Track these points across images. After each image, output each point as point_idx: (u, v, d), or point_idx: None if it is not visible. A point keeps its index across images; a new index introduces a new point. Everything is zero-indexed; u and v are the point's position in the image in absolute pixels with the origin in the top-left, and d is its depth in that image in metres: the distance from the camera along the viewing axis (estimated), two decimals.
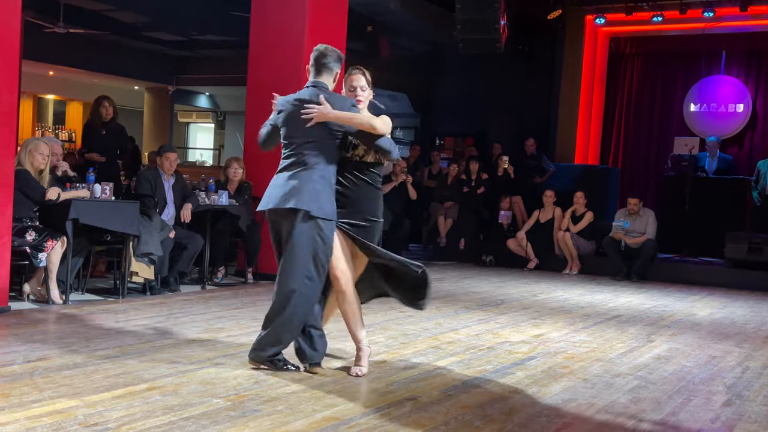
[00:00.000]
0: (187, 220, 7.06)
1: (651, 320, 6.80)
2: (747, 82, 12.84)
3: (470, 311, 6.75)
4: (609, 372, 4.66)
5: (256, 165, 8.17)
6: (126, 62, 15.71)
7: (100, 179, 6.61)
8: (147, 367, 4.14)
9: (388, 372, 4.33)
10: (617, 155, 13.76)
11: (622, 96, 13.78)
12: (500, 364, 4.70)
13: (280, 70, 8.12)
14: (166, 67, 16.83)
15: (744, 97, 12.80)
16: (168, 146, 7.57)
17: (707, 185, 11.19)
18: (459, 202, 11.28)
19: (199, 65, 16.70)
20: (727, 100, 12.93)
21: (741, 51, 12.88)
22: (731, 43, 12.76)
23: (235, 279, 8.08)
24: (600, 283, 9.47)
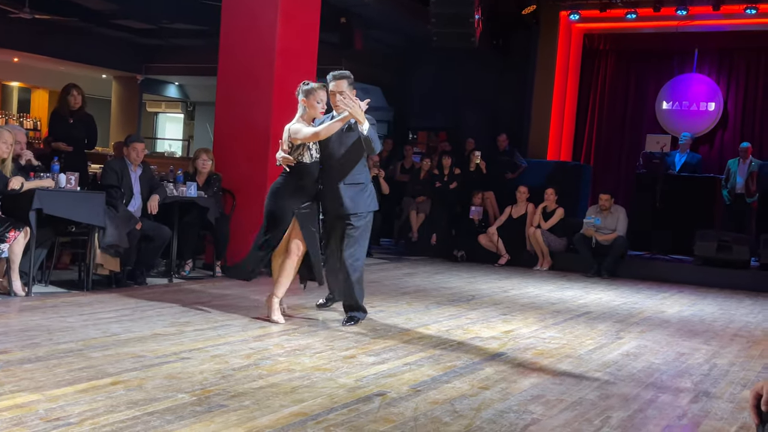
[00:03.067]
0: (154, 211, 6.99)
1: (620, 317, 6.87)
2: (719, 81, 13.02)
3: (441, 307, 6.77)
4: (578, 368, 4.70)
5: (225, 157, 8.12)
6: (94, 50, 15.51)
7: (66, 169, 6.52)
8: (111, 360, 4.10)
9: (357, 367, 4.33)
10: (590, 152, 13.88)
11: (595, 93, 13.90)
12: (470, 360, 4.72)
13: (251, 60, 8.07)
14: (134, 55, 16.63)
15: (715, 95, 12.97)
16: (135, 136, 7.50)
17: (678, 183, 11.33)
18: (431, 197, 11.31)
19: (168, 54, 16.53)
20: (698, 99, 13.09)
21: (713, 50, 13.05)
22: (704, 41, 12.92)
23: (203, 272, 8.02)
24: (570, 280, 9.54)
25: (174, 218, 7.32)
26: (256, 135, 7.99)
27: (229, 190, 8.05)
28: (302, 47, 8.23)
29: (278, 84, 7.92)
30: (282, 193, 5.44)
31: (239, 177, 8.05)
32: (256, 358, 4.39)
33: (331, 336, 5.15)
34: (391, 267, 9.76)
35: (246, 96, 8.09)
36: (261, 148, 7.96)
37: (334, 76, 5.54)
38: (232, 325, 5.30)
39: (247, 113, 8.07)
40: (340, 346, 4.84)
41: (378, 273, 9.01)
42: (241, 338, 4.91)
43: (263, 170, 7.92)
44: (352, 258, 5.55)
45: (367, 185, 5.68)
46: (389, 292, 7.42)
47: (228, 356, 4.38)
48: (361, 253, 5.62)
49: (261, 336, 5.01)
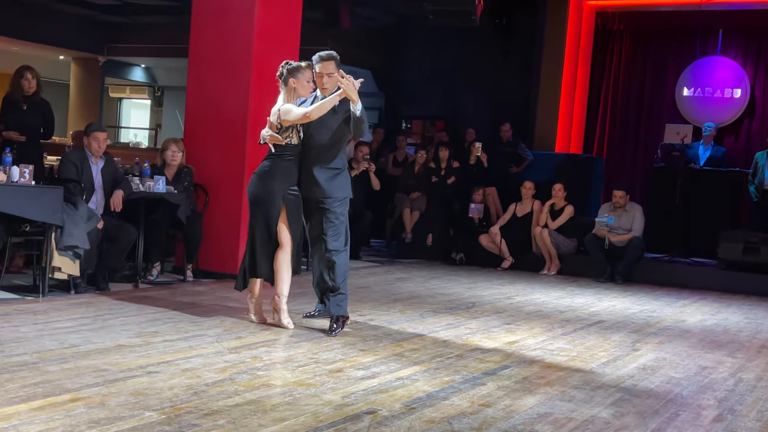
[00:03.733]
0: (118, 208, 6.97)
1: (636, 327, 6.89)
2: (745, 65, 13.06)
3: (437, 315, 6.77)
4: (590, 383, 4.71)
5: (197, 148, 8.11)
6: (50, 28, 15.44)
7: (19, 161, 6.49)
8: (70, 375, 4.09)
9: (345, 382, 4.34)
10: (602, 143, 13.90)
11: (608, 78, 13.92)
12: (470, 374, 4.73)
13: (226, 39, 8.05)
14: (96, 34, 16.57)
15: (742, 81, 13.02)
16: (97, 125, 7.48)
17: (700, 178, 11.36)
18: (427, 192, 11.32)
19: (134, 33, 16.47)
20: (723, 85, 13.13)
21: (739, 30, 13.07)
22: (729, 20, 12.94)
23: (172, 276, 8.01)
24: (581, 285, 9.57)
25: (140, 216, 7.30)
26: (232, 123, 7.98)
27: (201, 185, 8.04)
28: (283, 26, 8.22)
29: (257, 66, 7.91)
30: (271, 176, 5.61)
31: (213, 170, 8.04)
32: (232, 372, 4.39)
33: (315, 347, 5.15)
34: (382, 271, 9.76)
35: (220, 80, 8.08)
36: (237, 138, 7.94)
37: (320, 57, 5.72)
38: (206, 336, 5.29)
39: (221, 99, 8.05)
40: (326, 359, 4.84)
41: (368, 277, 9.01)
42: (215, 350, 4.90)
43: (239, 163, 7.91)
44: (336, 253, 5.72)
45: (343, 171, 5.89)
46: (380, 299, 7.42)
47: (201, 370, 4.38)
48: (344, 241, 5.79)
49: (237, 347, 5.01)
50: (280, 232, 5.65)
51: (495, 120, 12.44)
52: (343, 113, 5.62)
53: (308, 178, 5.74)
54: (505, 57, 13.52)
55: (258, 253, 5.68)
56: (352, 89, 5.44)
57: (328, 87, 5.69)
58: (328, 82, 5.67)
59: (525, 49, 13.37)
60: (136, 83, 20.06)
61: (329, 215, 5.74)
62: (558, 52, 13.15)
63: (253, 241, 5.68)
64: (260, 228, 5.66)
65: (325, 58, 5.69)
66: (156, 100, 20.84)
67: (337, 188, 5.77)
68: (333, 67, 5.67)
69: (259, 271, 5.72)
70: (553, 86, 13.16)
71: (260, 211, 5.64)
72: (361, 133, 5.79)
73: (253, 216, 5.69)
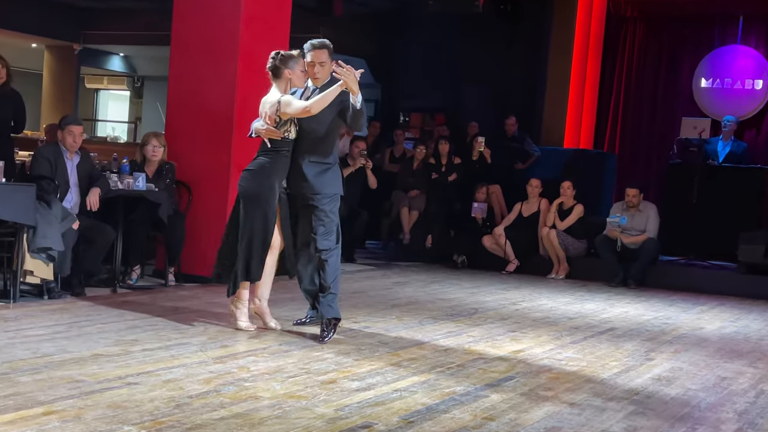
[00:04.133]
0: (94, 208, 6.96)
1: (651, 334, 6.90)
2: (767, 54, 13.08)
3: (438, 322, 6.77)
4: (601, 395, 4.72)
5: (179, 142, 8.10)
6: (22, 14, 15.41)
7: None
8: (43, 387, 4.08)
9: (338, 394, 4.33)
10: (614, 138, 13.92)
11: (621, 68, 13.93)
12: (472, 385, 4.73)
13: (211, 26, 8.04)
14: (71, 20, 16.55)
15: (764, 71, 13.03)
16: (72, 117, 7.45)
17: (719, 175, 11.37)
18: (426, 191, 11.32)
19: (112, 19, 16.45)
20: (743, 75, 13.15)
21: (761, 16, 13.08)
22: (750, 6, 12.95)
23: (153, 281, 8.00)
24: (591, 290, 9.58)
25: (118, 216, 7.29)
26: (217, 116, 7.97)
27: (184, 182, 8.03)
28: (272, 12, 8.22)
29: (244, 55, 7.90)
30: (270, 172, 5.67)
31: (197, 167, 8.03)
32: (218, 383, 4.38)
33: (306, 357, 5.15)
34: (379, 275, 9.76)
35: (205, 69, 8.07)
36: (223, 132, 7.93)
37: (313, 45, 5.76)
38: (189, 344, 5.28)
39: (206, 90, 8.04)
40: (318, 369, 4.84)
41: (363, 282, 9.01)
42: (198, 359, 4.90)
43: (225, 158, 7.90)
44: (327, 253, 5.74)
45: (334, 166, 5.93)
46: (376, 305, 7.42)
47: (183, 381, 4.38)
48: (334, 239, 5.80)
49: (223, 357, 5.00)
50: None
51: (499, 113, 12.44)
52: (337, 104, 5.64)
53: (296, 172, 5.78)
54: (509, 45, 13.52)
55: (253, 255, 5.69)
56: (353, 80, 5.49)
57: (320, 77, 5.75)
58: (320, 71, 5.73)
59: (531, 37, 13.37)
60: (115, 73, 20.03)
61: (318, 213, 5.75)
62: (566, 40, 13.15)
63: (249, 243, 5.68)
64: (258, 228, 5.68)
65: (317, 47, 5.74)
66: (135, 91, 20.82)
67: (326, 184, 5.80)
68: (326, 56, 5.74)
69: (253, 274, 5.73)
70: (562, 77, 13.16)
71: (258, 210, 5.66)
72: (359, 127, 5.86)
73: (247, 215, 5.68)
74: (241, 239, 5.70)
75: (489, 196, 11.22)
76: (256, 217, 5.66)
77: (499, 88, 13.41)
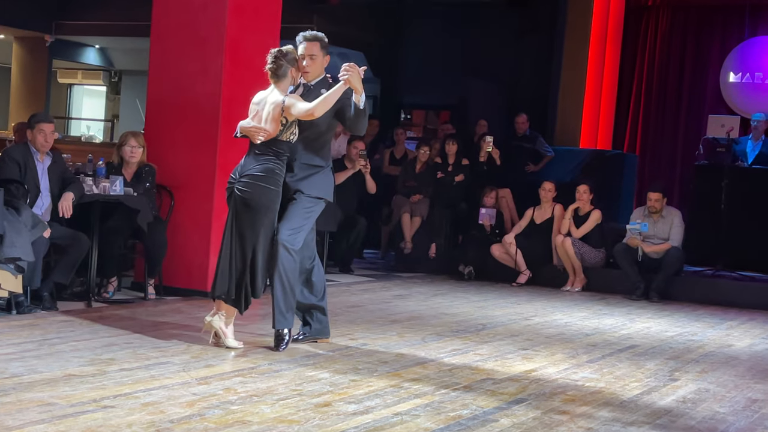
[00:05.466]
0: (67, 214, 6.97)
1: (675, 352, 6.90)
2: None
3: (442, 339, 6.77)
4: (620, 419, 4.71)
5: (160, 143, 8.10)
6: None
7: None
8: (11, 410, 4.07)
9: (333, 418, 4.33)
10: (634, 138, 13.93)
11: (642, 61, 13.94)
12: (480, 408, 4.72)
13: (195, 16, 8.05)
14: (42, 10, 16.56)
15: None
16: (43, 115, 7.48)
17: (749, 178, 11.36)
18: (430, 195, 11.31)
19: (86, 8, 16.46)
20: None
21: None
22: None
23: (131, 294, 7.99)
24: (610, 304, 9.57)
25: (94, 223, 7.29)
26: (202, 114, 7.97)
27: (165, 186, 8.03)
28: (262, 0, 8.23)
29: (230, 48, 7.90)
30: (278, 178, 5.77)
31: (179, 169, 8.03)
32: (202, 406, 4.38)
33: (298, 377, 5.15)
34: (378, 287, 9.76)
35: (188, 63, 8.07)
36: (207, 131, 7.93)
37: (305, 37, 5.86)
38: (170, 363, 5.28)
39: (189, 86, 8.05)
40: (311, 391, 4.84)
41: (361, 295, 9.01)
42: (181, 380, 4.89)
43: (210, 160, 7.90)
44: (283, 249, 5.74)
45: (325, 169, 6.01)
46: (375, 320, 7.42)
47: (164, 404, 4.37)
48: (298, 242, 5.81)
49: (207, 377, 5.00)
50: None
51: (509, 110, 12.46)
52: (335, 103, 5.70)
53: (288, 174, 5.85)
54: (521, 37, 13.54)
55: (259, 269, 5.74)
56: (357, 78, 5.57)
57: (310, 71, 5.86)
58: (311, 65, 5.84)
59: (544, 27, 13.39)
60: (90, 67, 20.04)
61: (292, 205, 5.82)
62: (583, 31, 13.16)
63: (254, 257, 5.72)
64: (265, 240, 5.74)
65: (309, 39, 5.82)
66: (112, 86, 20.82)
67: (312, 186, 5.89)
68: (317, 49, 5.84)
69: (257, 290, 5.79)
70: (578, 71, 13.18)
71: (266, 220, 5.73)
72: (359, 129, 5.93)
73: (253, 226, 5.70)
74: (247, 252, 5.72)
75: (498, 201, 11.22)
76: (265, 228, 5.72)
77: (509, 83, 13.43)
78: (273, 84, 5.80)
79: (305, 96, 5.83)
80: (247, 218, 5.73)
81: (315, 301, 6.10)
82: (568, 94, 13.20)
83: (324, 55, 5.88)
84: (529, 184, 11.31)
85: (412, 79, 14.64)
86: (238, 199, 5.73)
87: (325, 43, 5.87)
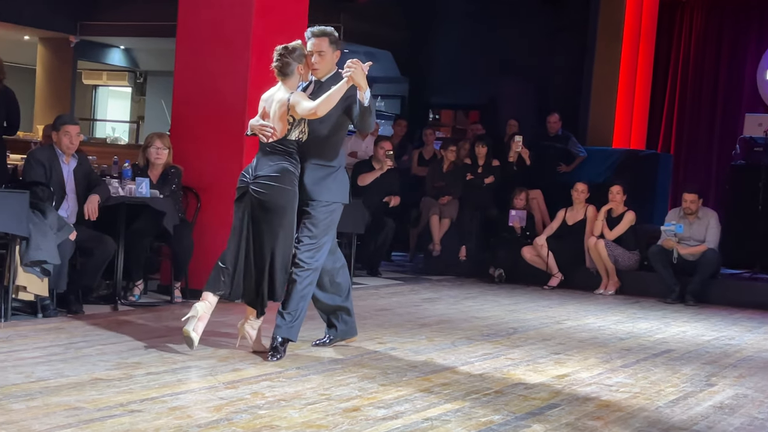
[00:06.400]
0: (93, 217, 7.01)
1: (711, 357, 6.85)
2: None
3: (472, 343, 6.76)
4: (656, 425, 4.69)
5: (186, 144, 8.14)
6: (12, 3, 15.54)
7: None
8: (38, 414, 4.11)
9: (362, 423, 4.34)
10: (669, 137, 13.86)
11: (676, 58, 13.87)
12: (512, 414, 4.71)
13: (221, 15, 8.08)
14: (67, 10, 16.68)
15: None
16: (68, 117, 7.52)
17: None
18: (459, 196, 11.30)
19: (111, 8, 16.58)
20: None
21: None
22: None
23: (157, 297, 8.04)
24: (644, 307, 9.52)
25: (120, 225, 7.33)
26: (228, 115, 8.00)
27: (191, 188, 8.07)
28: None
29: (256, 48, 7.93)
30: (294, 179, 5.75)
31: (205, 171, 8.06)
32: (229, 411, 4.40)
33: (327, 381, 5.16)
34: (407, 290, 9.76)
35: (214, 63, 8.11)
36: (233, 132, 7.95)
37: (313, 33, 5.85)
38: (197, 367, 5.31)
39: (215, 86, 8.08)
40: (340, 395, 4.85)
41: (389, 298, 9.01)
42: (208, 384, 4.92)
43: (236, 162, 7.91)
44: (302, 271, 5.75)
45: (338, 170, 5.97)
46: (404, 324, 7.42)
47: (191, 408, 4.40)
48: (318, 258, 5.81)
49: (235, 381, 5.02)
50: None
51: (540, 109, 12.42)
52: (342, 100, 5.64)
53: (300, 176, 5.82)
54: (552, 35, 13.50)
55: (278, 271, 5.71)
56: (361, 75, 5.51)
57: (319, 68, 5.84)
58: (319, 62, 5.81)
59: (576, 25, 13.34)
60: (115, 68, 20.16)
61: (306, 220, 5.80)
62: (616, 27, 13.11)
63: (273, 259, 5.69)
64: (284, 241, 5.70)
65: (317, 34, 5.81)
66: (138, 87, 20.93)
67: (324, 190, 5.85)
68: (326, 45, 5.81)
69: (276, 293, 5.76)
70: (610, 69, 13.12)
71: (284, 221, 5.69)
72: (367, 127, 5.86)
73: (270, 229, 5.67)
74: (266, 255, 5.69)
75: (529, 202, 11.19)
76: (286, 230, 5.68)
77: (540, 82, 13.39)
78: (280, 82, 5.77)
79: (316, 93, 5.78)
80: (264, 220, 5.69)
81: (340, 302, 6.09)
82: (601, 93, 13.15)
83: (334, 50, 5.84)
84: (561, 185, 11.29)
85: (441, 78, 14.65)
86: (254, 201, 5.69)
87: (335, 38, 5.84)
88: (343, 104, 5.69)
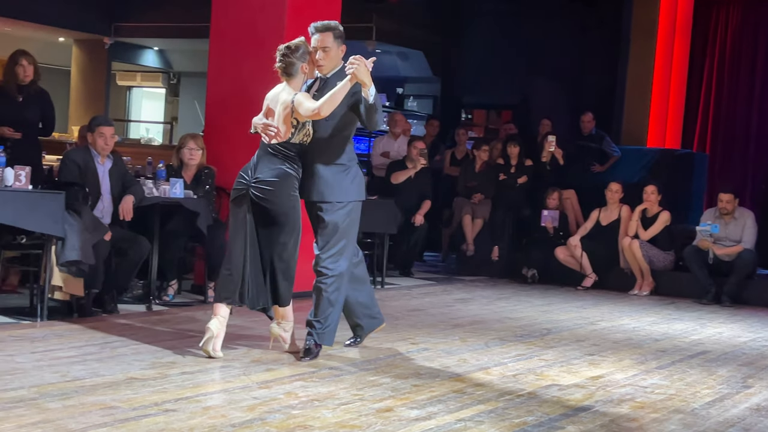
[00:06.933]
0: (128, 217, 7.06)
1: (748, 358, 6.80)
2: None
3: (506, 344, 6.76)
4: (691, 427, 4.66)
5: (219, 145, 8.18)
6: (48, 6, 15.69)
7: (14, 162, 6.61)
8: (74, 413, 4.15)
9: (395, 424, 4.34)
10: (704, 136, 13.74)
11: (712, 56, 13.75)
12: (545, 416, 4.70)
13: (254, 16, 8.12)
14: (101, 12, 16.81)
15: None
16: (103, 118, 7.57)
17: None
18: (492, 196, 11.28)
19: (145, 10, 16.69)
20: None
21: None
22: None
23: (191, 297, 8.09)
24: (680, 308, 9.47)
25: (154, 226, 7.38)
26: None
27: (224, 188, 8.11)
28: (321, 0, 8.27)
29: None
30: (295, 183, 5.68)
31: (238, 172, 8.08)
32: (263, 410, 4.42)
33: (360, 382, 5.17)
34: (439, 290, 9.76)
35: (247, 64, 8.14)
36: None
37: (316, 28, 5.72)
38: (231, 367, 5.34)
39: (247, 87, 8.11)
40: (373, 396, 4.86)
41: (422, 298, 9.01)
42: (242, 384, 4.94)
43: None
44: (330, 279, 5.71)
45: (351, 168, 5.85)
46: (436, 324, 7.42)
47: (225, 408, 4.42)
48: (342, 264, 5.75)
49: (268, 381, 5.04)
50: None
51: (574, 109, 12.37)
52: (348, 97, 5.54)
53: (311, 178, 5.74)
54: (585, 32, 13.44)
55: (280, 280, 5.67)
56: (364, 72, 5.40)
57: (323, 64, 5.71)
58: (324, 58, 5.68)
59: (609, 23, 13.28)
60: (149, 69, 20.29)
61: (324, 226, 5.72)
62: (650, 25, 13.03)
63: (273, 267, 5.65)
64: (287, 249, 5.64)
65: (321, 29, 5.68)
66: (171, 88, 21.06)
67: (338, 191, 5.74)
68: (331, 40, 5.68)
69: (282, 298, 5.72)
70: (645, 67, 13.04)
71: (288, 228, 5.61)
72: (373, 124, 5.71)
73: (273, 234, 5.61)
74: (267, 259, 5.65)
75: (562, 202, 11.15)
76: (286, 234, 5.60)
77: (573, 81, 13.33)
78: (285, 82, 5.68)
79: (322, 89, 5.68)
80: (264, 226, 5.62)
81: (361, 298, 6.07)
82: (635, 92, 13.08)
83: (339, 45, 5.71)
84: (595, 185, 11.24)
85: (473, 78, 14.62)
86: (256, 207, 5.60)
87: (340, 33, 5.72)
88: (348, 101, 5.57)
